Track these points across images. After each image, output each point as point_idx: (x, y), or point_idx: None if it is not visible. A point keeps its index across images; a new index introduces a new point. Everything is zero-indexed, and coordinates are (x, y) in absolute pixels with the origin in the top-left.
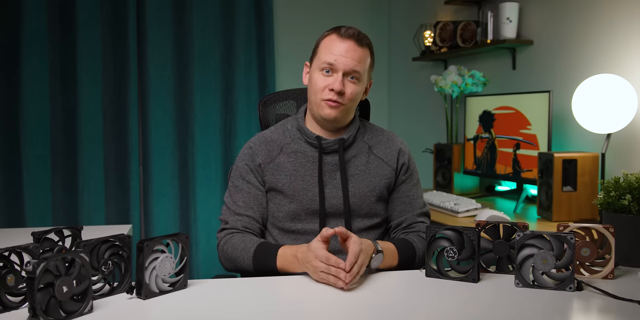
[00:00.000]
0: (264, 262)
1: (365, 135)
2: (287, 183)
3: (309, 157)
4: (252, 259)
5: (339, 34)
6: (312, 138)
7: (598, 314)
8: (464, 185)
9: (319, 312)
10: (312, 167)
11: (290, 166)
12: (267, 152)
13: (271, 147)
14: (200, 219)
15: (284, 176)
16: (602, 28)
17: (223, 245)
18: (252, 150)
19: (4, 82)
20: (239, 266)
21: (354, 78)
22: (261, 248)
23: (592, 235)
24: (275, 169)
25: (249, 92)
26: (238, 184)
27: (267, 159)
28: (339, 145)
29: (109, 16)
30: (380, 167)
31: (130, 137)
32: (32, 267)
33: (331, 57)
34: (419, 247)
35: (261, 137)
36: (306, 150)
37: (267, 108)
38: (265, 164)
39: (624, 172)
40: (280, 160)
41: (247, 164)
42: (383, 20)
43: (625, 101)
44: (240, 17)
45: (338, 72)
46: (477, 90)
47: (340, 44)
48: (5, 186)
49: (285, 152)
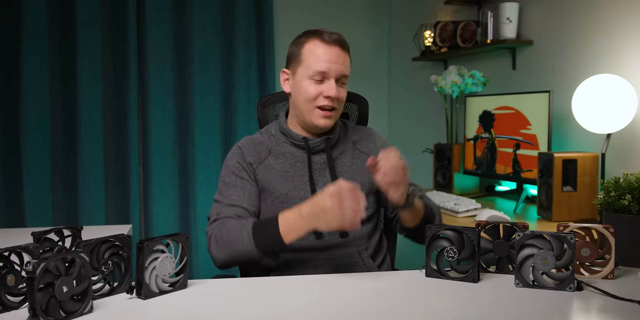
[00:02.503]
0: (265, 233)
1: (348, 133)
2: (278, 184)
3: (297, 157)
4: (252, 233)
5: (324, 39)
6: (298, 140)
7: (598, 314)
8: (464, 185)
9: (319, 312)
10: (302, 167)
11: (279, 167)
12: (256, 153)
13: (260, 149)
14: (200, 219)
15: (274, 177)
16: (602, 28)
17: (216, 233)
18: (241, 150)
19: (4, 82)
20: (237, 249)
21: (343, 83)
22: (259, 221)
23: (592, 235)
24: (265, 170)
25: (249, 92)
26: (230, 181)
27: (257, 159)
28: (326, 144)
29: (109, 16)
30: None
31: (130, 137)
32: (32, 267)
33: (323, 66)
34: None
35: (249, 140)
36: (294, 152)
37: (266, 108)
38: (256, 164)
39: (624, 172)
40: (269, 162)
41: (238, 162)
42: (383, 20)
43: (625, 101)
44: (240, 17)
45: (330, 78)
46: (477, 90)
47: (328, 51)
48: (5, 186)
49: (273, 154)
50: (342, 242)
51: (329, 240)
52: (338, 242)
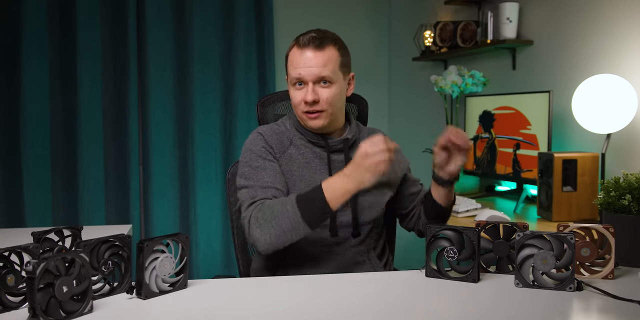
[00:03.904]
0: (311, 203)
1: (361, 135)
2: (299, 176)
3: (316, 153)
4: (297, 205)
5: (298, 44)
6: (317, 138)
7: (598, 314)
8: (464, 186)
9: (319, 312)
10: (320, 164)
11: (302, 158)
12: (279, 142)
13: (282, 138)
14: (200, 219)
15: (296, 168)
16: (602, 28)
17: (256, 213)
18: (263, 137)
19: (4, 82)
20: (283, 225)
21: (325, 82)
22: (302, 194)
23: (592, 235)
24: (287, 160)
25: (249, 92)
26: (259, 164)
27: (280, 148)
28: (344, 144)
29: (109, 16)
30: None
31: (130, 137)
32: (32, 267)
33: (296, 72)
34: None
35: (268, 128)
36: (312, 148)
37: (266, 108)
38: (279, 154)
39: (624, 172)
40: (291, 151)
41: (263, 147)
42: (383, 20)
43: (625, 101)
44: (240, 17)
45: (307, 83)
46: (477, 90)
47: (300, 56)
48: (5, 186)
49: (295, 144)
50: (353, 240)
51: (342, 237)
52: (350, 240)
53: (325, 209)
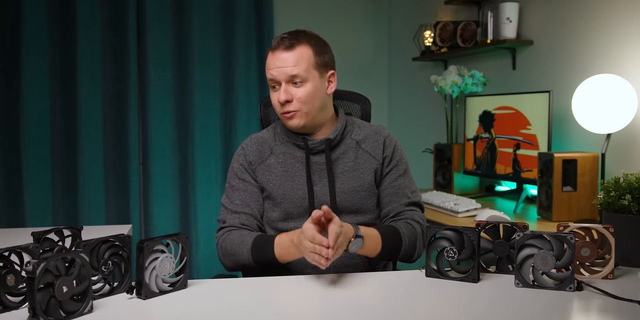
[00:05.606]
0: (262, 252)
1: (353, 132)
2: (277, 184)
3: (297, 157)
4: (251, 251)
5: (271, 48)
6: (298, 140)
7: (598, 314)
8: (464, 185)
9: (319, 312)
10: (301, 167)
11: (279, 167)
12: (258, 153)
13: (262, 148)
14: (200, 219)
15: (273, 177)
16: (602, 28)
17: (222, 243)
18: (244, 151)
19: (4, 82)
20: (239, 261)
21: (298, 82)
22: (259, 239)
23: (592, 235)
24: (265, 170)
25: (249, 92)
26: (234, 184)
27: (258, 159)
28: (326, 145)
29: (109, 16)
30: (368, 161)
31: (130, 137)
32: (32, 267)
33: (269, 74)
34: (405, 233)
35: (253, 138)
36: (294, 152)
37: (269, 108)
38: (257, 164)
39: (624, 172)
40: (270, 161)
41: (241, 164)
42: (383, 20)
43: (625, 101)
44: (240, 17)
45: (280, 84)
46: (477, 90)
47: (272, 58)
48: (5, 186)
49: (274, 153)
50: None
51: None
52: None
53: (274, 262)
